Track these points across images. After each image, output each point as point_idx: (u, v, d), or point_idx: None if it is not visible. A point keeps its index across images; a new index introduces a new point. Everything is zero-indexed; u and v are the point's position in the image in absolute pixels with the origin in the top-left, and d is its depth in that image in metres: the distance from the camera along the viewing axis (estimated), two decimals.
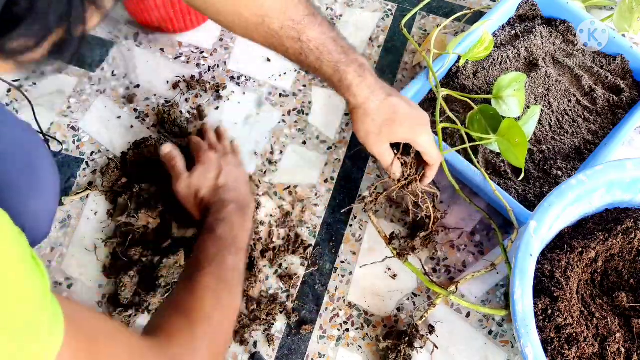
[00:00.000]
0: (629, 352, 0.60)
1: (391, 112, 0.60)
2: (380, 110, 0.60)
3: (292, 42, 0.57)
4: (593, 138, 0.76)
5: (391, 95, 0.60)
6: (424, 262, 0.72)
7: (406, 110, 0.61)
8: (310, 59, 0.58)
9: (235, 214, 0.63)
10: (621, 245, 0.66)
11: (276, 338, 0.69)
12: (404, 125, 0.60)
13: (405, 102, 0.62)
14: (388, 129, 0.60)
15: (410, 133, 0.61)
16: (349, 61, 0.59)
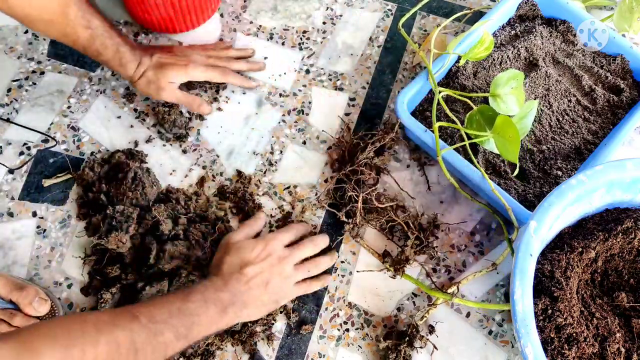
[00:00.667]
0: (629, 352, 0.60)
1: (159, 64, 0.75)
2: (150, 67, 0.74)
3: (82, 30, 0.68)
4: (593, 138, 0.76)
5: (154, 54, 0.75)
6: (423, 263, 0.72)
7: (170, 59, 0.76)
8: (97, 44, 0.69)
9: (217, 305, 0.59)
10: (621, 245, 0.66)
11: (276, 338, 0.69)
12: (174, 68, 0.74)
13: (167, 54, 0.77)
14: (161, 74, 0.74)
15: (181, 71, 0.75)
16: (125, 42, 0.73)
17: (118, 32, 0.72)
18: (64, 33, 0.67)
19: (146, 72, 0.74)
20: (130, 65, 0.73)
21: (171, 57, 0.76)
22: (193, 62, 0.76)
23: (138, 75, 0.74)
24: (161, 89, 0.74)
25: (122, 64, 0.72)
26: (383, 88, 0.84)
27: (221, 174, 0.78)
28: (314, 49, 0.88)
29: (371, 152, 0.75)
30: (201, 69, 0.76)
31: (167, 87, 0.75)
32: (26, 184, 0.76)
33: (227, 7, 0.91)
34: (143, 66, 0.74)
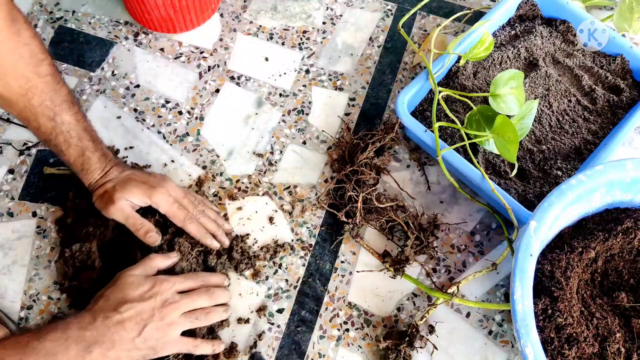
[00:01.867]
0: (629, 352, 0.60)
1: (126, 178, 0.66)
2: (114, 180, 0.66)
3: (45, 120, 0.62)
4: (593, 138, 0.76)
5: (126, 170, 0.67)
6: (423, 263, 0.72)
7: (141, 176, 0.67)
8: (59, 140, 0.63)
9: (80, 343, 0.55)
10: (621, 245, 0.66)
11: (276, 338, 0.69)
12: (139, 186, 0.65)
13: (142, 173, 0.68)
14: (122, 190, 0.64)
15: (145, 192, 0.65)
16: (95, 148, 0.65)
17: (91, 136, 0.65)
18: (24, 116, 0.62)
19: (106, 184, 0.65)
20: (92, 173, 0.65)
21: (143, 177, 0.67)
22: (164, 189, 0.66)
23: (98, 185, 0.66)
24: (111, 202, 0.64)
25: (85, 169, 0.65)
26: (383, 88, 0.84)
27: (221, 174, 0.78)
28: (314, 49, 0.88)
29: (371, 152, 0.75)
30: (168, 200, 0.66)
31: (118, 203, 0.64)
32: (26, 184, 0.76)
33: (227, 7, 0.91)
34: (107, 177, 0.66)
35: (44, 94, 0.61)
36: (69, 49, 0.86)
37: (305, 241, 0.74)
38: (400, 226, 0.73)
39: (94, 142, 0.66)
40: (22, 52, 0.59)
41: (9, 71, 0.59)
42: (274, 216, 0.75)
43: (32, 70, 0.60)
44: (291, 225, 0.75)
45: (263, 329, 0.69)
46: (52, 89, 0.62)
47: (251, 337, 0.68)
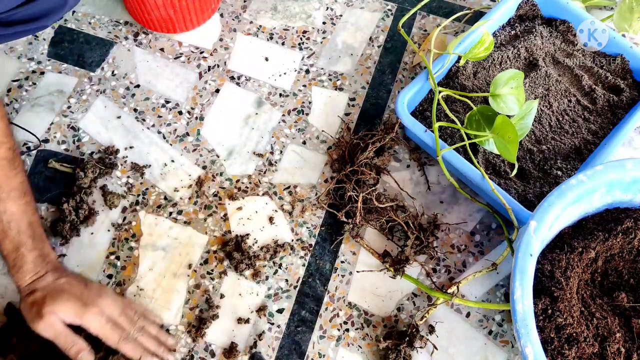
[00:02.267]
0: (629, 352, 0.60)
1: (59, 290, 0.59)
2: (46, 289, 0.59)
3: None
4: (593, 138, 0.76)
5: (62, 279, 0.61)
6: (423, 263, 0.72)
7: (77, 289, 0.60)
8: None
9: None
10: (621, 245, 0.66)
11: (276, 338, 0.69)
12: (71, 301, 0.59)
13: (80, 284, 0.61)
14: (52, 303, 0.58)
15: (76, 311, 0.59)
16: (33, 247, 0.60)
17: (34, 233, 0.60)
18: None
19: (36, 292, 0.59)
20: (24, 273, 0.60)
21: (78, 289, 0.60)
22: (98, 308, 0.60)
23: (27, 291, 0.60)
24: (39, 316, 0.57)
25: (17, 266, 0.59)
26: (383, 88, 0.84)
27: (221, 174, 0.78)
28: (314, 49, 0.88)
29: (371, 152, 0.75)
30: (101, 320, 0.60)
31: (47, 318, 0.57)
32: None
33: (227, 7, 0.91)
34: (39, 283, 0.60)
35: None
36: (69, 49, 0.86)
37: (305, 241, 0.74)
38: (400, 226, 0.73)
39: (34, 239, 0.60)
40: None
41: None
42: (274, 216, 0.75)
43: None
44: (291, 225, 0.75)
45: (263, 329, 0.69)
46: (4, 175, 0.59)
47: (251, 337, 0.68)
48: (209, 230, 0.74)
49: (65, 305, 0.58)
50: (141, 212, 0.75)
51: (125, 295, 0.70)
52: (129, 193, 0.76)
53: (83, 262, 0.72)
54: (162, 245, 0.73)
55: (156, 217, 0.75)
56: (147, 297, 0.70)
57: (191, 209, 0.75)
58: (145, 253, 0.73)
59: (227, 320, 0.69)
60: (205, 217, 0.75)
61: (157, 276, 0.71)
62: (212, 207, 0.75)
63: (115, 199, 0.75)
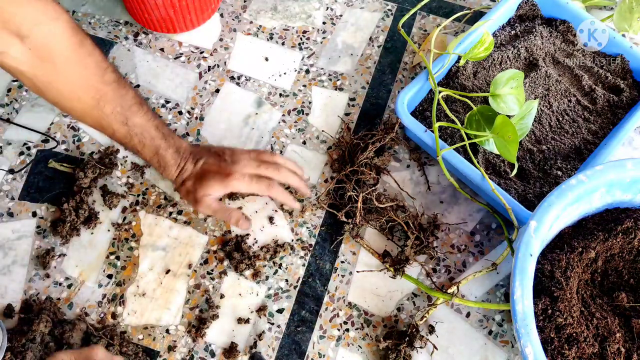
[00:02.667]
0: (629, 352, 0.60)
1: (201, 173, 0.67)
2: (192, 175, 0.68)
3: (119, 126, 0.63)
4: (593, 138, 0.76)
5: (199, 162, 0.68)
6: (423, 263, 0.72)
7: (214, 166, 0.68)
8: (134, 141, 0.65)
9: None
10: (621, 245, 0.66)
11: (276, 338, 0.69)
12: (215, 178, 0.67)
13: (215, 159, 0.68)
14: (200, 185, 0.67)
15: (222, 184, 0.67)
16: (167, 146, 0.66)
17: (162, 134, 0.66)
18: (100, 125, 0.64)
19: (186, 181, 0.68)
20: (169, 169, 0.67)
21: (215, 164, 0.68)
22: (238, 173, 0.67)
23: (179, 183, 0.68)
24: (197, 201, 0.67)
25: (162, 166, 0.67)
26: (383, 88, 0.84)
27: None
28: (314, 49, 0.88)
29: (371, 152, 0.75)
30: (245, 181, 0.67)
31: (203, 201, 0.67)
32: (26, 184, 0.76)
33: (227, 7, 0.91)
34: (184, 173, 0.68)
35: (114, 101, 0.62)
36: None
37: (305, 241, 0.74)
38: (400, 226, 0.73)
39: (166, 139, 0.66)
40: (87, 63, 0.59)
41: (79, 83, 0.60)
42: (274, 216, 0.75)
43: (99, 79, 0.60)
44: (291, 225, 0.75)
45: (263, 329, 0.69)
46: (119, 95, 0.62)
47: (251, 337, 0.68)
48: (209, 230, 0.74)
49: (211, 185, 0.66)
50: (141, 212, 0.75)
51: (124, 295, 0.70)
52: (129, 193, 0.76)
53: (83, 262, 0.72)
54: (162, 245, 0.73)
55: (156, 217, 0.75)
56: (147, 297, 0.70)
57: (191, 209, 0.75)
58: (145, 253, 0.73)
59: (227, 320, 0.69)
60: (205, 217, 0.75)
61: (157, 276, 0.71)
62: None
63: (115, 199, 0.75)
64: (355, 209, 0.72)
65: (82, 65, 0.59)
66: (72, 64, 0.58)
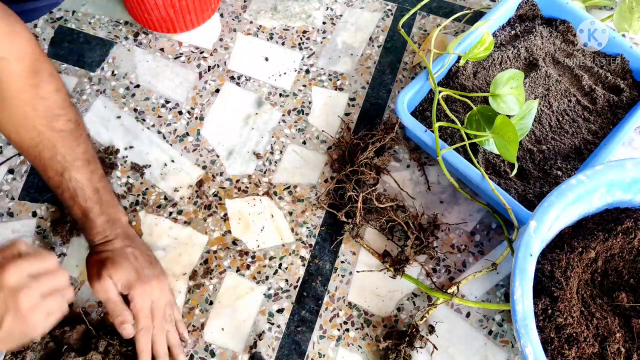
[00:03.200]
0: (629, 352, 0.60)
1: (122, 256, 0.61)
2: (111, 253, 0.61)
3: (53, 174, 0.60)
4: (593, 138, 0.76)
5: (129, 247, 0.62)
6: (423, 263, 0.72)
7: (140, 261, 0.62)
8: (65, 196, 0.61)
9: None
10: (621, 245, 0.66)
11: (276, 338, 0.69)
12: (128, 271, 0.60)
13: (144, 258, 0.63)
14: (112, 268, 0.60)
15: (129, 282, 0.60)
16: (100, 212, 0.62)
17: (101, 198, 0.62)
18: (36, 165, 0.61)
19: (102, 254, 0.61)
20: (94, 236, 0.62)
21: (141, 264, 0.62)
22: (149, 288, 0.62)
23: (94, 251, 0.62)
24: (97, 277, 0.60)
25: (87, 229, 0.62)
26: (383, 88, 0.84)
27: (221, 174, 0.78)
28: (314, 49, 0.88)
29: (371, 152, 0.75)
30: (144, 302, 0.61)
31: (104, 282, 0.59)
32: (26, 184, 0.76)
33: (227, 7, 0.91)
34: (106, 246, 0.62)
35: (55, 149, 0.60)
36: (69, 49, 0.86)
37: (305, 241, 0.74)
38: (400, 226, 0.73)
39: (101, 205, 0.62)
40: (36, 105, 0.59)
41: (21, 122, 0.58)
42: (274, 216, 0.75)
43: (45, 124, 0.59)
44: (291, 225, 0.75)
45: (263, 329, 0.69)
46: (65, 145, 0.60)
47: (251, 337, 0.68)
48: (209, 230, 0.74)
49: (122, 273, 0.60)
50: (141, 212, 0.75)
51: None
52: (129, 193, 0.76)
53: (83, 262, 0.72)
54: (162, 245, 0.73)
55: (156, 217, 0.75)
56: None
57: (191, 209, 0.75)
58: None
59: (227, 320, 0.69)
60: (205, 217, 0.75)
61: None
62: (212, 207, 0.75)
63: None
64: (355, 209, 0.72)
65: (30, 106, 0.58)
66: (20, 103, 0.58)
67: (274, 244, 0.73)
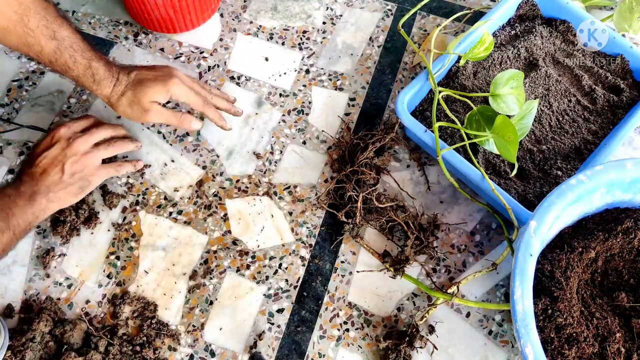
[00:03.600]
0: (629, 352, 0.60)
1: (138, 81, 0.68)
2: (129, 85, 0.68)
3: (47, 40, 0.62)
4: (593, 138, 0.76)
5: (132, 72, 0.69)
6: (423, 263, 0.72)
7: (150, 75, 0.69)
8: (65, 56, 0.64)
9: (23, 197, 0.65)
10: (621, 245, 0.66)
11: (276, 338, 0.69)
12: (157, 84, 0.67)
13: (148, 70, 0.70)
14: (142, 93, 0.67)
15: (164, 88, 0.68)
16: (99, 57, 0.67)
17: (91, 47, 0.66)
18: (25, 43, 0.61)
19: (125, 92, 0.68)
20: (105, 82, 0.67)
21: (151, 73, 0.69)
22: (177, 78, 0.69)
23: (116, 95, 0.68)
24: (145, 110, 0.68)
25: (96, 80, 0.66)
26: (383, 88, 0.84)
27: (221, 174, 0.78)
28: (314, 49, 0.88)
29: (371, 152, 0.75)
30: (185, 89, 0.69)
31: (152, 108, 0.68)
32: None
33: (227, 7, 0.91)
34: (120, 84, 0.68)
35: (38, 15, 0.61)
36: None
37: (305, 241, 0.74)
38: (400, 226, 0.73)
39: (93, 50, 0.66)
40: None
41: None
42: (274, 216, 0.75)
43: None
44: (291, 225, 0.75)
45: (263, 329, 0.69)
46: (43, 7, 0.61)
47: (251, 337, 0.68)
48: (209, 230, 0.74)
49: (154, 90, 0.67)
50: (141, 212, 0.75)
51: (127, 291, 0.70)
52: (129, 193, 0.76)
53: (83, 262, 0.72)
54: (162, 245, 0.73)
55: (156, 217, 0.75)
56: (147, 297, 0.70)
57: (191, 209, 0.75)
58: (145, 253, 0.73)
59: (227, 320, 0.69)
60: (205, 217, 0.75)
61: (157, 276, 0.71)
62: (212, 207, 0.75)
63: (115, 199, 0.75)
64: (355, 209, 0.72)
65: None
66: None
67: (274, 244, 0.73)
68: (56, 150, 0.68)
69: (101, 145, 0.71)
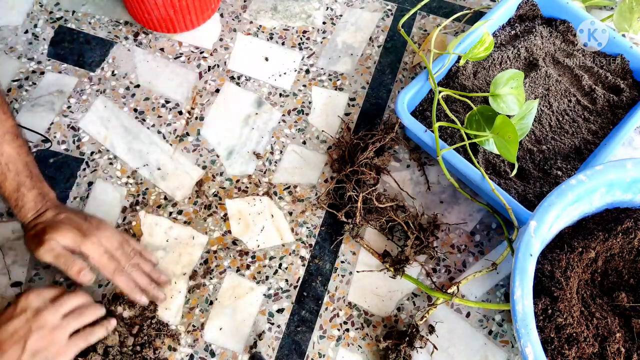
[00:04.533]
0: (629, 352, 0.60)
1: (58, 221, 0.62)
2: (46, 222, 0.62)
3: None
4: (593, 138, 0.76)
5: (62, 214, 0.63)
6: (423, 263, 0.72)
7: (76, 221, 0.63)
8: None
9: None
10: (621, 245, 0.66)
11: (276, 338, 0.69)
12: (71, 230, 0.61)
13: (79, 217, 0.63)
14: (52, 231, 0.60)
15: (76, 239, 0.61)
16: (31, 186, 0.63)
17: (31, 173, 0.63)
18: None
19: (37, 226, 0.62)
20: (26, 211, 0.62)
21: (78, 222, 0.63)
22: (96, 237, 0.62)
23: (30, 227, 0.62)
24: (40, 243, 0.60)
25: (19, 206, 0.62)
26: (383, 88, 0.84)
27: (221, 174, 0.78)
28: (314, 49, 0.88)
29: (371, 152, 0.75)
30: (99, 250, 0.62)
31: (47, 243, 0.60)
32: None
33: (227, 7, 0.91)
34: (40, 218, 0.62)
35: None
36: (69, 49, 0.86)
37: (305, 241, 0.74)
38: (400, 226, 0.73)
39: (32, 179, 0.63)
40: None
41: None
42: (274, 216, 0.75)
43: None
44: (291, 225, 0.75)
45: (263, 329, 0.69)
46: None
47: (251, 337, 0.68)
48: (209, 230, 0.74)
49: (64, 233, 0.60)
50: (141, 212, 0.75)
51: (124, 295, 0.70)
52: (129, 193, 0.76)
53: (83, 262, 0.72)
54: (162, 245, 0.73)
55: (156, 217, 0.75)
56: None
57: (191, 209, 0.75)
58: None
59: (227, 320, 0.69)
60: (205, 217, 0.75)
61: None
62: (212, 207, 0.75)
63: None
64: (355, 209, 0.72)
65: None
66: None
67: (274, 244, 0.73)
68: (19, 323, 0.56)
69: (70, 316, 0.60)
